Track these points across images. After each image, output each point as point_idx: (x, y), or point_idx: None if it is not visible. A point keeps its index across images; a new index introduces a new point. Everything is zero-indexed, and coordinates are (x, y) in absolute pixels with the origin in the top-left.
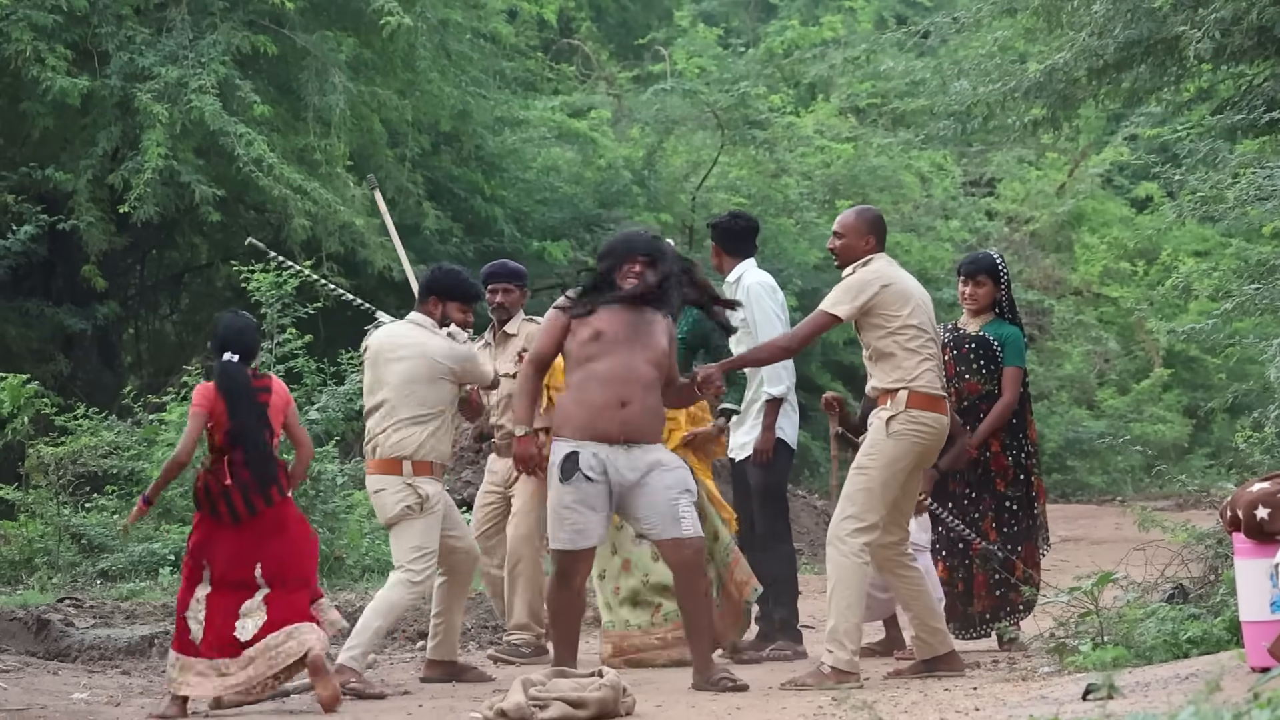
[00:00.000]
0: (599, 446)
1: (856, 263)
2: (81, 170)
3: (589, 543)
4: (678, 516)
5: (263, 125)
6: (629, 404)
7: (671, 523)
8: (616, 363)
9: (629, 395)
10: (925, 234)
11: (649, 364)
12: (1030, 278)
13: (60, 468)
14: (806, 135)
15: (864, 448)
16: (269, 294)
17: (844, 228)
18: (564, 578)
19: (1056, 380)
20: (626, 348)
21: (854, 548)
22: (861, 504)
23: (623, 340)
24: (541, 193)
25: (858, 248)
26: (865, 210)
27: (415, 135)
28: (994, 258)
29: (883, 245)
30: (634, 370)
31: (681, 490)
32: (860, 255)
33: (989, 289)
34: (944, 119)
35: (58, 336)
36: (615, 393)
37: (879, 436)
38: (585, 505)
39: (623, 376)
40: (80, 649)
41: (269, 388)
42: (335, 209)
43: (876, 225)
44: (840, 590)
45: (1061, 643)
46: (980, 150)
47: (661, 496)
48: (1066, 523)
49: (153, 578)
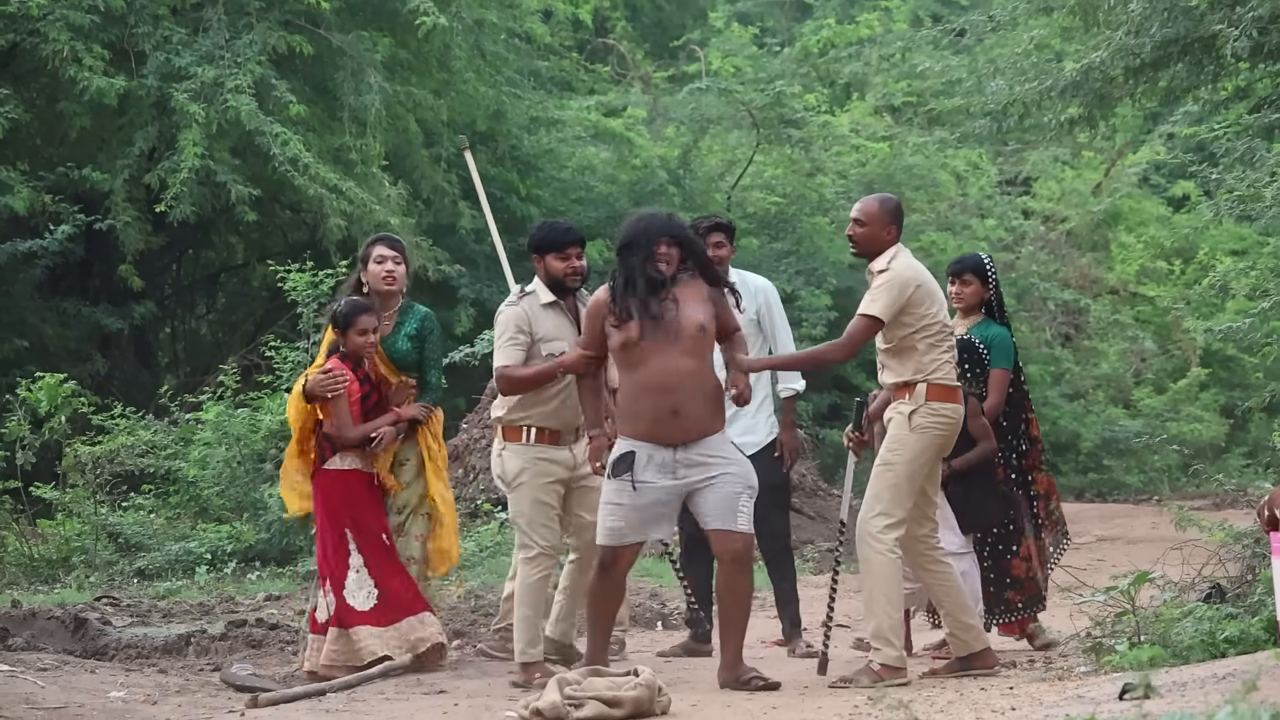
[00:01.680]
0: (656, 450)
1: (882, 256)
2: (118, 170)
3: (630, 540)
4: (735, 510)
5: (298, 125)
6: (679, 411)
7: (729, 515)
8: (656, 369)
9: (677, 402)
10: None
11: (688, 354)
12: (1066, 277)
13: (97, 467)
14: (842, 134)
15: (887, 443)
16: (305, 293)
17: (867, 216)
18: (603, 568)
19: (1093, 379)
20: (660, 348)
21: (887, 544)
22: (889, 500)
23: (655, 341)
24: (577, 192)
25: (880, 237)
26: (888, 199)
27: (450, 135)
28: (981, 258)
29: (900, 235)
30: (674, 372)
31: (745, 486)
32: (882, 245)
33: (976, 288)
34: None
35: (95, 336)
36: (665, 403)
37: (902, 431)
38: (631, 506)
39: (665, 384)
40: (117, 647)
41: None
42: (371, 208)
43: (898, 215)
44: (878, 588)
45: (1098, 642)
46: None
47: (725, 492)
48: (1103, 522)
49: (189, 576)
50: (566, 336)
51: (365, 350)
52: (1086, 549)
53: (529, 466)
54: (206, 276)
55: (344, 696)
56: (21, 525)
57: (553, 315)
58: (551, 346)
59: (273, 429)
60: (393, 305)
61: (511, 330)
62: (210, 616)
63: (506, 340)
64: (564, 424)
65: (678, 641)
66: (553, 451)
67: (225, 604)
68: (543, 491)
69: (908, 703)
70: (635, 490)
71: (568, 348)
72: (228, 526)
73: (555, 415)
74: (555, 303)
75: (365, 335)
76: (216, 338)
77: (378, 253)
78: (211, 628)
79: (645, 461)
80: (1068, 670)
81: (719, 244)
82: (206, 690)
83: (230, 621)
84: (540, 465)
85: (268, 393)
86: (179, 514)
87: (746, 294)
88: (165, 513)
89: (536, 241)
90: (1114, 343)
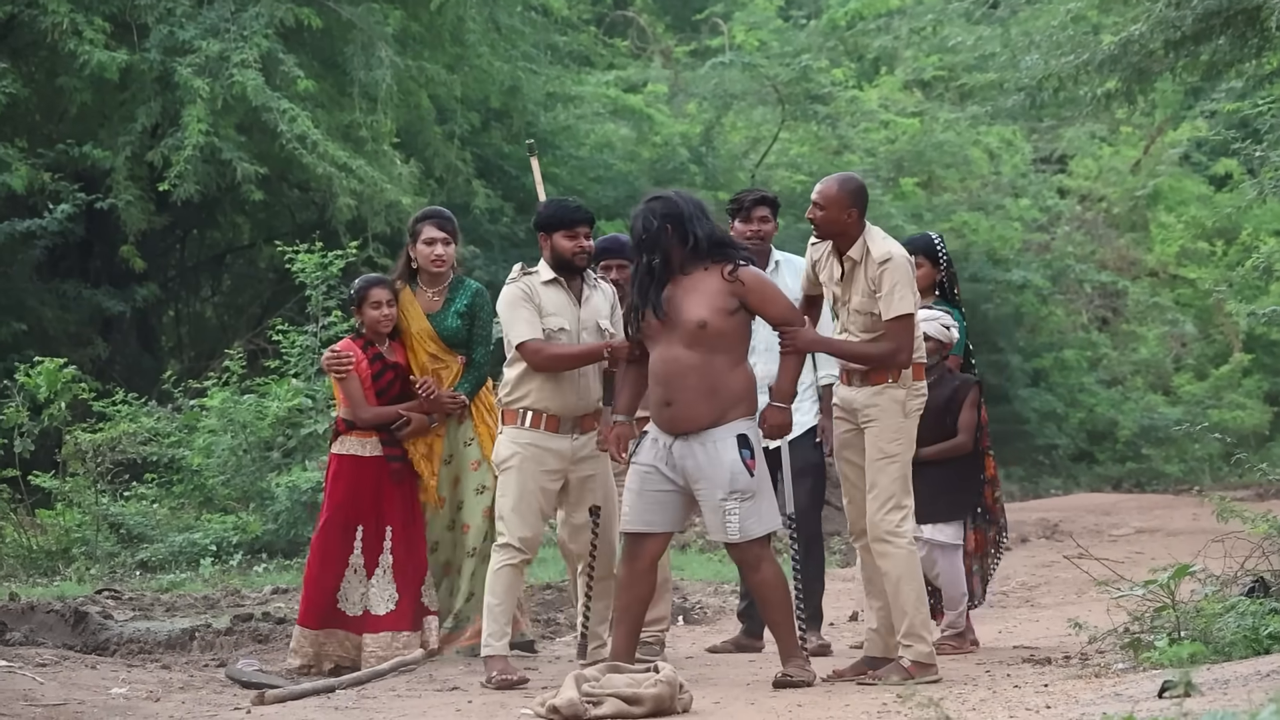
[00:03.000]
0: (660, 435)
1: (864, 241)
2: (120, 147)
3: (645, 528)
4: (724, 521)
5: (307, 101)
6: (672, 403)
7: (719, 527)
8: (655, 359)
9: (670, 394)
10: (994, 212)
11: (684, 345)
12: (1104, 258)
13: (98, 455)
14: (870, 110)
15: (884, 433)
16: (313, 275)
17: (825, 199)
18: (626, 557)
19: (1131, 365)
20: (662, 338)
21: (906, 538)
22: (900, 491)
23: (656, 329)
24: (595, 170)
25: (839, 220)
26: (848, 180)
27: (464, 111)
28: (931, 238)
29: (864, 216)
30: (671, 362)
31: (727, 493)
32: (843, 228)
33: (927, 270)
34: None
35: (95, 319)
36: (661, 393)
37: (896, 419)
38: (643, 489)
39: (661, 374)
40: (119, 642)
41: None
42: (381, 187)
43: (859, 196)
44: (905, 584)
45: (1136, 638)
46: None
47: (710, 503)
48: (1141, 513)
49: (193, 569)
50: (567, 315)
51: (380, 325)
52: (1124, 541)
53: (520, 451)
54: (211, 258)
55: (353, 693)
56: (20, 515)
57: (553, 292)
58: (550, 322)
59: (280, 415)
60: (443, 281)
61: (520, 304)
62: (215, 610)
63: (520, 316)
64: (564, 409)
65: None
66: (549, 439)
67: (230, 597)
68: (531, 479)
69: (939, 700)
70: (632, 470)
71: (568, 325)
72: (233, 517)
73: (555, 398)
74: (556, 280)
75: (379, 309)
76: (222, 321)
77: (428, 234)
78: (216, 622)
79: (650, 444)
80: (1105, 667)
81: (764, 218)
82: (211, 687)
83: (236, 616)
84: (532, 451)
85: (275, 378)
86: (183, 504)
87: (792, 274)
88: (168, 503)
89: (544, 219)
90: (1153, 327)
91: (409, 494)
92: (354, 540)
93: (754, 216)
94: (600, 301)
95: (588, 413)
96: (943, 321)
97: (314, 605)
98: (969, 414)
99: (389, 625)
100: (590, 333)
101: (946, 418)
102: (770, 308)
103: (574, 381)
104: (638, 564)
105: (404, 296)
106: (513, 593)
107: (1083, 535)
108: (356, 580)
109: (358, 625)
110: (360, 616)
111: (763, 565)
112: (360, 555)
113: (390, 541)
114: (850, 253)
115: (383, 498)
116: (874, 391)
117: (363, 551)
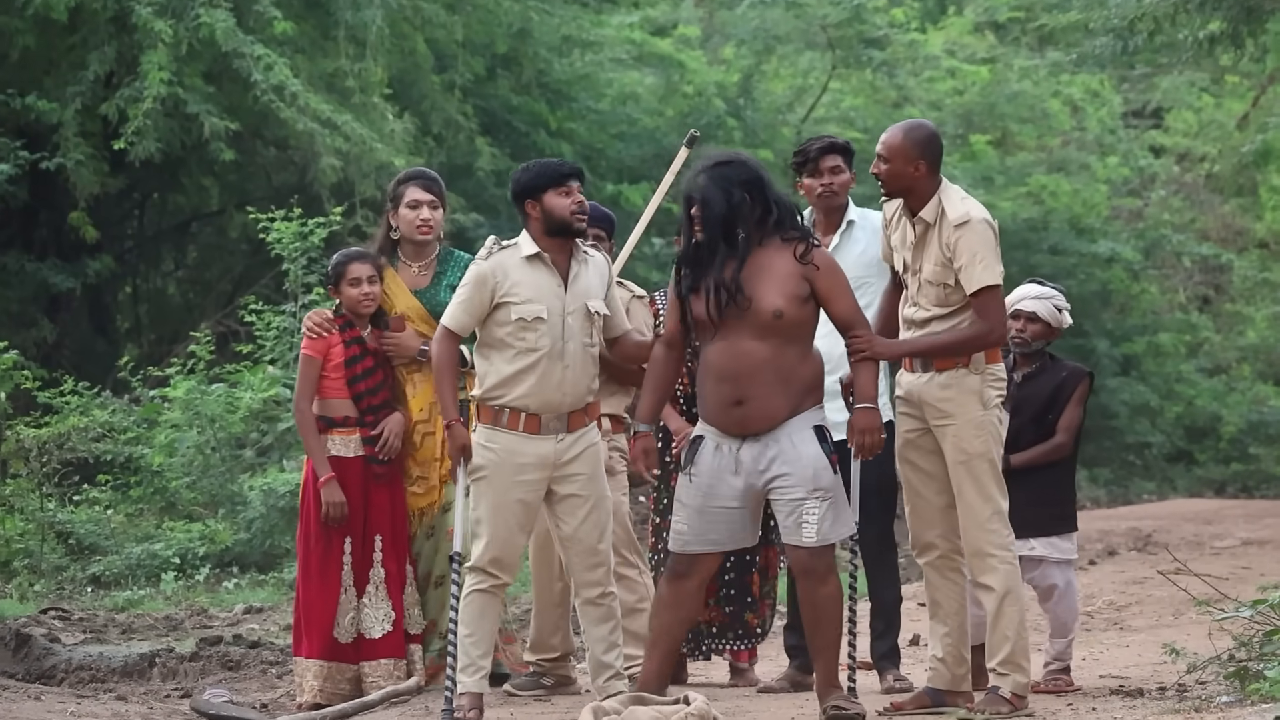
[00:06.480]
0: (724, 439)
1: (938, 201)
2: (69, 99)
3: (710, 548)
4: (800, 521)
5: (285, 46)
6: (744, 402)
7: (794, 528)
8: (719, 350)
9: (741, 392)
10: (1077, 174)
11: (755, 336)
12: (1205, 227)
13: (44, 453)
14: (934, 56)
15: (964, 431)
16: (292, 246)
17: (888, 150)
18: (673, 575)
19: (1237, 351)
20: (723, 328)
21: (1012, 550)
22: (997, 495)
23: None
24: (617, 126)
25: (905, 174)
26: (915, 126)
27: (466, 58)
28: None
29: (938, 170)
30: (740, 356)
31: (809, 490)
32: (912, 183)
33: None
34: (1101, 36)
35: (41, 297)
36: (728, 392)
37: (975, 412)
38: (707, 506)
39: (728, 370)
40: (67, 669)
41: None
42: (371, 146)
43: (928, 146)
44: (1009, 605)
45: (1243, 666)
46: (1145, 74)
47: (787, 499)
48: (1249, 522)
49: (154, 585)
50: (546, 298)
51: (361, 305)
52: (1229, 554)
53: (495, 456)
54: (175, 226)
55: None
56: None
57: (533, 271)
58: (524, 310)
59: (253, 408)
60: (429, 254)
61: (472, 286)
62: (179, 633)
63: (462, 297)
64: (545, 406)
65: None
66: (528, 441)
67: (196, 617)
68: (507, 489)
69: None
70: (692, 483)
71: (545, 313)
72: (200, 525)
73: (534, 395)
74: (538, 255)
75: (359, 286)
76: (186, 299)
77: (411, 195)
78: (180, 646)
79: (712, 451)
80: (1207, 700)
81: (835, 169)
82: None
83: (202, 639)
84: (507, 457)
85: (247, 365)
86: (141, 510)
87: (868, 233)
88: (125, 508)
89: (528, 182)
90: (1262, 306)
91: (396, 494)
92: (343, 555)
93: (823, 168)
94: (593, 279)
95: (577, 408)
96: (1056, 302)
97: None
98: (1074, 411)
99: (389, 650)
100: (577, 318)
101: (1050, 413)
102: (839, 302)
103: (554, 374)
104: (688, 583)
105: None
106: (487, 622)
107: (1180, 547)
108: (346, 601)
109: (352, 654)
110: (354, 643)
111: (830, 578)
112: (350, 572)
113: (381, 553)
114: (923, 213)
115: (369, 503)
116: (944, 382)
117: (353, 567)
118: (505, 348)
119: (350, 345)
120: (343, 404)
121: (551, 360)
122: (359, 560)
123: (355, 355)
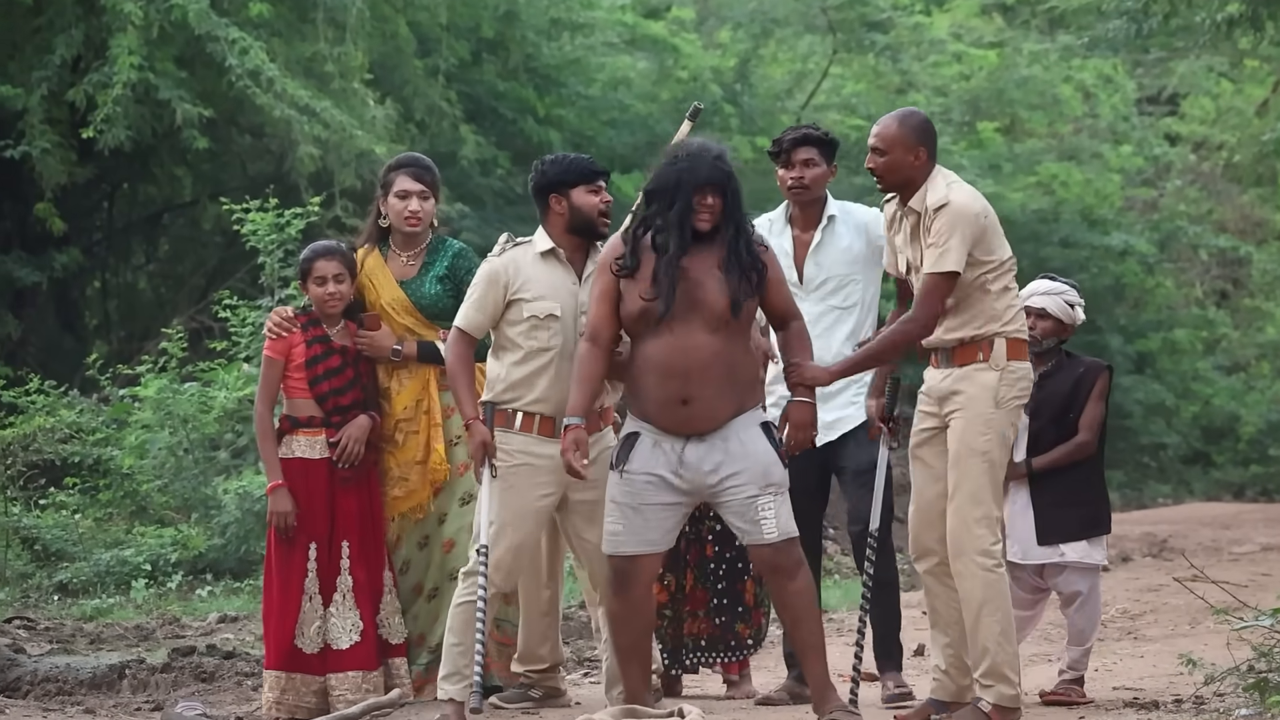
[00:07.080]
0: (665, 438)
1: (926, 189)
2: (35, 84)
3: (646, 548)
4: (758, 519)
5: (261, 28)
6: (691, 401)
7: (753, 528)
8: (668, 345)
9: (689, 390)
10: (1089, 163)
11: (707, 330)
12: (1223, 219)
13: (9, 455)
14: (940, 40)
15: (970, 425)
16: (268, 239)
17: (885, 141)
18: (615, 586)
19: (1256, 348)
20: (679, 319)
21: (995, 557)
22: (990, 499)
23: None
24: (608, 112)
25: (906, 165)
26: (909, 114)
27: (451, 42)
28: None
29: (935, 157)
30: (691, 352)
31: (762, 486)
32: (910, 173)
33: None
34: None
35: (5, 292)
36: (674, 389)
37: (985, 409)
38: (643, 504)
39: (677, 367)
40: (33, 681)
41: None
42: (351, 133)
43: (926, 133)
44: (987, 614)
45: (1263, 678)
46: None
47: (736, 498)
48: (1268, 526)
49: (123, 592)
50: (560, 296)
51: (327, 304)
52: (1248, 560)
53: (509, 460)
54: (146, 218)
55: None
56: None
57: (548, 269)
58: (537, 307)
59: (228, 408)
60: (419, 243)
61: (485, 285)
62: (150, 643)
63: (475, 296)
64: (560, 409)
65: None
66: (544, 445)
67: (168, 627)
68: (521, 494)
69: None
70: (623, 480)
71: (559, 310)
72: (172, 530)
73: (549, 399)
74: (553, 252)
75: (324, 285)
76: (158, 294)
77: (400, 185)
78: (151, 656)
79: (649, 449)
80: (1225, 713)
81: (807, 161)
82: None
83: (175, 649)
84: (524, 460)
85: (221, 363)
86: (111, 514)
87: (851, 228)
88: (94, 512)
89: (558, 175)
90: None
91: (366, 498)
92: (306, 562)
93: (795, 159)
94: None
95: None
96: (1068, 298)
97: (278, 639)
98: (1095, 408)
99: (357, 662)
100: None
101: (1070, 412)
102: (778, 293)
103: (568, 375)
104: (634, 591)
105: (372, 262)
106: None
107: (1197, 553)
108: (311, 610)
109: (318, 665)
110: (320, 654)
111: (799, 572)
112: (315, 579)
113: (348, 560)
114: (912, 203)
115: (336, 506)
116: (959, 376)
117: (318, 574)
118: (517, 349)
119: (312, 345)
120: (308, 404)
121: (564, 360)
122: (325, 567)
123: (317, 355)
